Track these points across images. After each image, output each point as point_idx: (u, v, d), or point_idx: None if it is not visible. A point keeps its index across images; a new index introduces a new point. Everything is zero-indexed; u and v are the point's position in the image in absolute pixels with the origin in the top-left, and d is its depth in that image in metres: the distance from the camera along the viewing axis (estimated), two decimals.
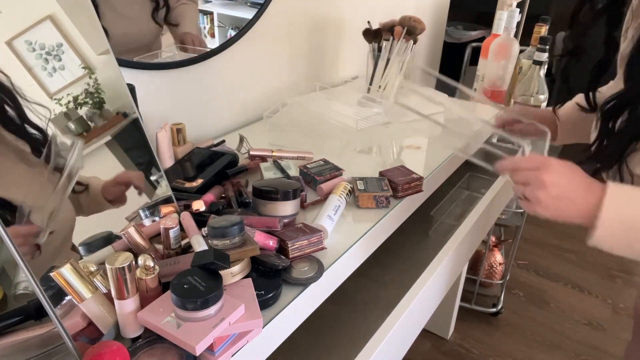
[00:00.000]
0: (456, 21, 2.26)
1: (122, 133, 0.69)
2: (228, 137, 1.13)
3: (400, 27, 1.30)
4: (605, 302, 2.01)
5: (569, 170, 0.64)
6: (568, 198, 0.63)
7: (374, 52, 1.36)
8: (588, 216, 0.62)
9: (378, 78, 1.37)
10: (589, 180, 0.64)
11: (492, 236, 1.85)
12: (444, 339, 1.80)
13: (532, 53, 1.49)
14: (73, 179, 0.61)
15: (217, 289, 0.54)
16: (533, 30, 1.59)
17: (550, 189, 0.63)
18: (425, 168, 1.04)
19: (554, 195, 0.63)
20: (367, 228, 0.82)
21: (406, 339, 1.01)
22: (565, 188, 0.63)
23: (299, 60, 1.40)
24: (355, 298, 1.02)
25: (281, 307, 0.64)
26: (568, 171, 0.64)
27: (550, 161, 0.65)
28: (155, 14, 0.95)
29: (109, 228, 0.67)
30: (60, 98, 0.62)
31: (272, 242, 0.69)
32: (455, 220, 1.27)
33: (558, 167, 0.64)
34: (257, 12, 1.17)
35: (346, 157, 1.07)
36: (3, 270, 0.58)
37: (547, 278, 2.13)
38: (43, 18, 0.60)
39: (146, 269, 0.57)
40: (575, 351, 1.77)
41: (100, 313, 0.55)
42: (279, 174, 0.90)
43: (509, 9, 1.48)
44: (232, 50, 1.14)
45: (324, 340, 0.92)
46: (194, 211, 0.73)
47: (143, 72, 0.97)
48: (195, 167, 0.92)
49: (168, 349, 0.54)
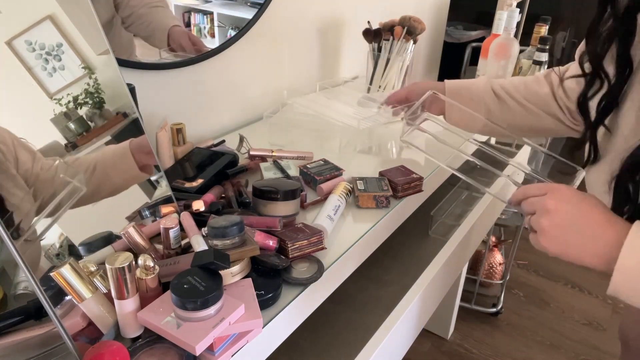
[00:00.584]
0: (456, 21, 2.26)
1: (122, 133, 0.69)
2: (228, 137, 1.13)
3: (400, 27, 1.30)
4: (605, 302, 2.01)
5: (583, 199, 0.54)
6: (577, 231, 0.53)
7: (374, 52, 1.36)
8: (604, 257, 0.51)
9: (378, 78, 1.38)
10: (609, 215, 0.53)
11: (492, 236, 1.85)
12: (444, 339, 1.80)
13: (532, 53, 1.50)
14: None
15: (217, 289, 0.54)
16: (533, 30, 1.59)
17: (554, 216, 0.54)
18: (425, 168, 1.04)
19: (558, 223, 0.54)
20: (367, 228, 0.82)
21: (406, 339, 1.01)
22: (574, 217, 0.53)
23: (299, 60, 1.40)
24: (355, 298, 1.02)
25: (281, 307, 0.64)
26: (580, 200, 0.54)
27: (560, 187, 0.56)
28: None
29: (109, 228, 0.67)
30: (60, 98, 0.62)
31: (272, 242, 0.69)
32: (455, 220, 1.27)
33: (568, 193, 0.55)
34: (257, 12, 1.17)
35: (346, 157, 1.07)
36: (3, 270, 0.58)
37: (547, 278, 2.13)
38: (43, 18, 0.60)
39: (146, 269, 0.57)
40: (575, 351, 1.77)
41: (100, 313, 0.55)
42: (279, 174, 0.90)
43: (509, 9, 1.47)
44: (232, 50, 1.14)
45: (324, 340, 0.92)
46: (194, 211, 0.73)
47: (143, 72, 0.97)
48: (195, 167, 0.92)
49: (168, 349, 0.54)
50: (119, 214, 0.70)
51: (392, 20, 1.34)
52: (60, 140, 0.62)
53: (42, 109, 0.61)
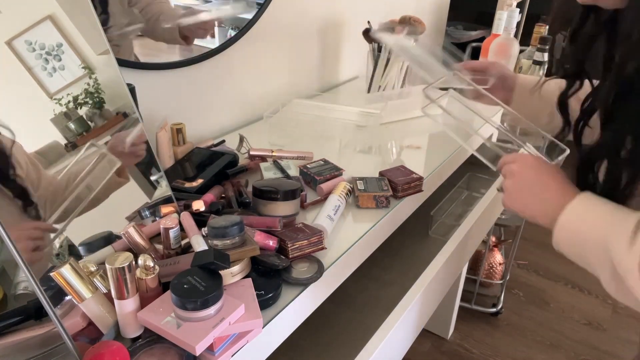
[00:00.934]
0: (456, 21, 2.26)
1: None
2: (228, 137, 1.13)
3: (401, 27, 1.30)
4: (605, 302, 2.01)
5: (545, 167, 0.64)
6: (534, 193, 0.62)
7: (374, 52, 1.36)
8: (552, 217, 0.59)
9: (378, 78, 1.37)
10: (565, 184, 0.61)
11: (492, 236, 1.85)
12: (444, 339, 1.80)
13: (532, 53, 1.49)
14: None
15: (217, 289, 0.54)
16: (533, 30, 1.59)
17: (517, 178, 0.64)
18: (425, 168, 1.04)
19: (519, 186, 0.63)
20: (367, 228, 0.82)
21: (406, 339, 1.01)
22: (532, 181, 0.63)
23: (299, 60, 1.40)
24: (356, 298, 1.02)
25: (281, 307, 0.64)
26: (542, 167, 0.64)
27: (527, 156, 0.65)
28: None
29: (109, 228, 0.67)
30: (60, 98, 0.62)
31: (272, 242, 0.69)
32: (455, 220, 1.27)
33: (532, 161, 0.65)
34: (257, 12, 1.17)
35: (346, 157, 1.07)
36: (3, 270, 0.58)
37: (547, 278, 2.13)
38: (43, 18, 0.60)
39: (146, 269, 0.57)
40: (575, 351, 1.77)
41: (100, 313, 0.55)
42: (279, 174, 0.90)
43: (509, 9, 1.47)
44: (232, 50, 1.14)
45: (324, 340, 0.92)
46: (194, 211, 0.73)
47: (143, 72, 0.97)
48: (195, 167, 0.92)
49: (168, 349, 0.54)
50: (119, 214, 0.70)
51: (392, 20, 1.34)
52: (60, 140, 0.62)
53: (42, 109, 0.61)
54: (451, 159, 1.11)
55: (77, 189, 0.62)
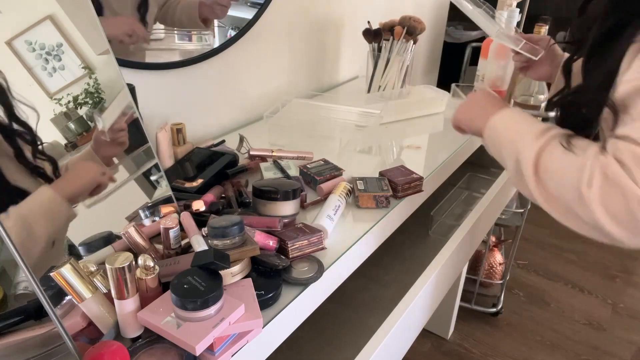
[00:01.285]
0: (456, 21, 2.26)
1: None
2: (228, 137, 1.13)
3: (400, 27, 1.30)
4: (605, 302, 2.01)
5: (491, 95, 0.80)
6: (480, 107, 0.77)
7: (374, 52, 1.36)
8: (486, 122, 0.73)
9: (378, 78, 1.38)
10: (503, 103, 0.77)
11: (492, 236, 1.85)
12: (444, 339, 1.80)
13: None
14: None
15: (217, 289, 0.54)
16: (533, 30, 1.59)
17: (468, 99, 0.82)
18: (425, 168, 1.04)
19: (467, 103, 0.81)
20: (367, 228, 0.82)
21: (406, 339, 1.01)
22: (477, 101, 0.80)
23: (299, 60, 1.40)
24: (355, 298, 1.02)
25: (281, 307, 0.64)
26: (488, 95, 0.80)
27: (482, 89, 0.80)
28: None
29: (109, 228, 0.67)
30: (60, 98, 0.62)
31: (272, 242, 0.69)
32: (455, 220, 1.27)
33: (483, 91, 0.83)
34: (257, 12, 1.17)
35: (346, 157, 1.07)
36: (3, 270, 0.58)
37: (547, 278, 2.13)
38: (43, 18, 0.60)
39: (146, 269, 0.57)
40: (575, 351, 1.77)
41: (100, 313, 0.55)
42: (279, 174, 0.90)
43: (509, 9, 1.47)
44: (232, 50, 1.14)
45: (324, 340, 0.92)
46: (194, 211, 0.73)
47: (143, 72, 0.97)
48: (195, 167, 0.92)
49: (168, 349, 0.54)
50: (119, 214, 0.70)
51: (392, 20, 1.34)
52: (60, 140, 0.62)
53: (42, 109, 0.61)
54: (451, 159, 1.11)
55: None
